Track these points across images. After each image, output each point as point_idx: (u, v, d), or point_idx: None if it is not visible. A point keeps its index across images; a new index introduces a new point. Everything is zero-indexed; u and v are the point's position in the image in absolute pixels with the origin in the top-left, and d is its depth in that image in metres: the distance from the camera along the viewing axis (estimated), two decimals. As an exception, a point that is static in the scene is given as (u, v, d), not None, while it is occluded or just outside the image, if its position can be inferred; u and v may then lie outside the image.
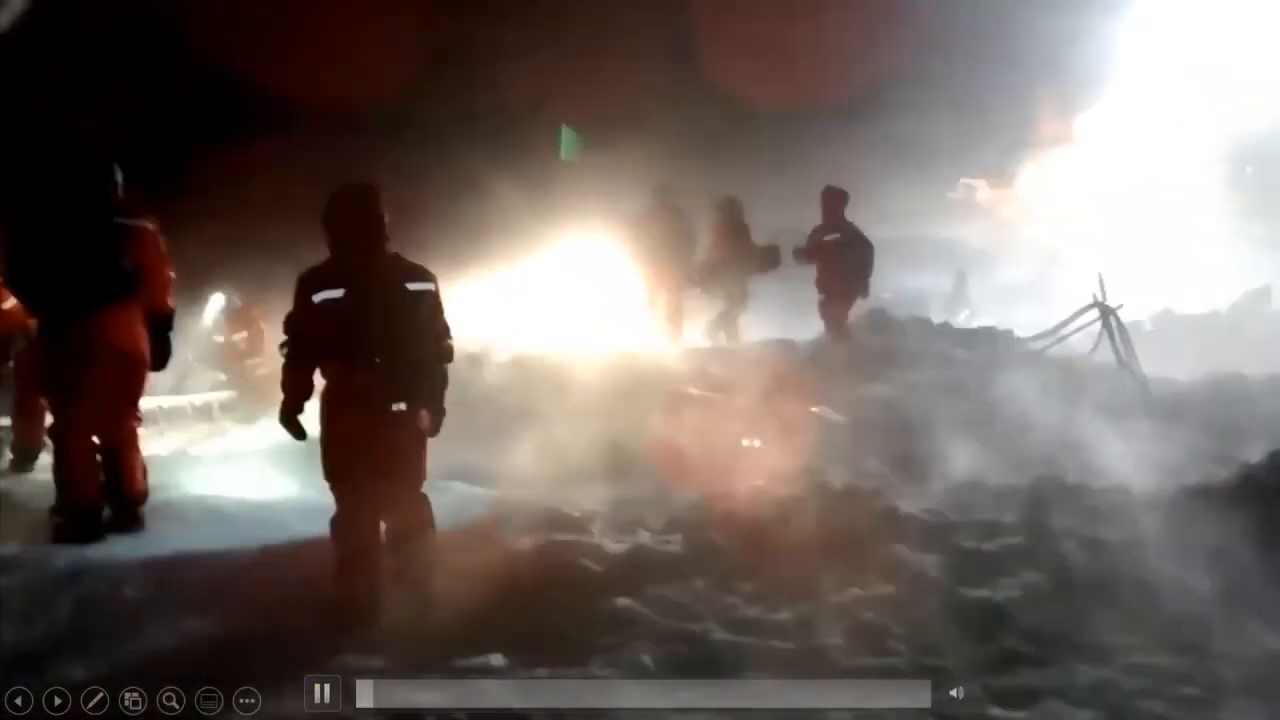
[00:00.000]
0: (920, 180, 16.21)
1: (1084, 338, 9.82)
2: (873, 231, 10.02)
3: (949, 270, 15.63)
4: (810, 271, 10.29)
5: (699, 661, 3.99)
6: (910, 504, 5.31)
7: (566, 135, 15.14)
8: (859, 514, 5.11)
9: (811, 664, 3.95)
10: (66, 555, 5.12)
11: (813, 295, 10.23)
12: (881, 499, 5.29)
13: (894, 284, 12.74)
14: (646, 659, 3.99)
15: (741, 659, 4.00)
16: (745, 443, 6.20)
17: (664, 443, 7.28)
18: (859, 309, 10.29)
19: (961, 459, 6.27)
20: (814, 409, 8.02)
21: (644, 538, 5.18)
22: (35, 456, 7.02)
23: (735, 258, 11.51)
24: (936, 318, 11.08)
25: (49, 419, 6.03)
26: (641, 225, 11.17)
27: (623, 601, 4.41)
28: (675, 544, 5.00)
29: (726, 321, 11.77)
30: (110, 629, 4.55)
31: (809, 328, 10.40)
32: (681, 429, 7.84)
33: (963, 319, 11.27)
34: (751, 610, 4.38)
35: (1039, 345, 9.98)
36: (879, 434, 6.95)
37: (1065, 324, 10.06)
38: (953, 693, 3.68)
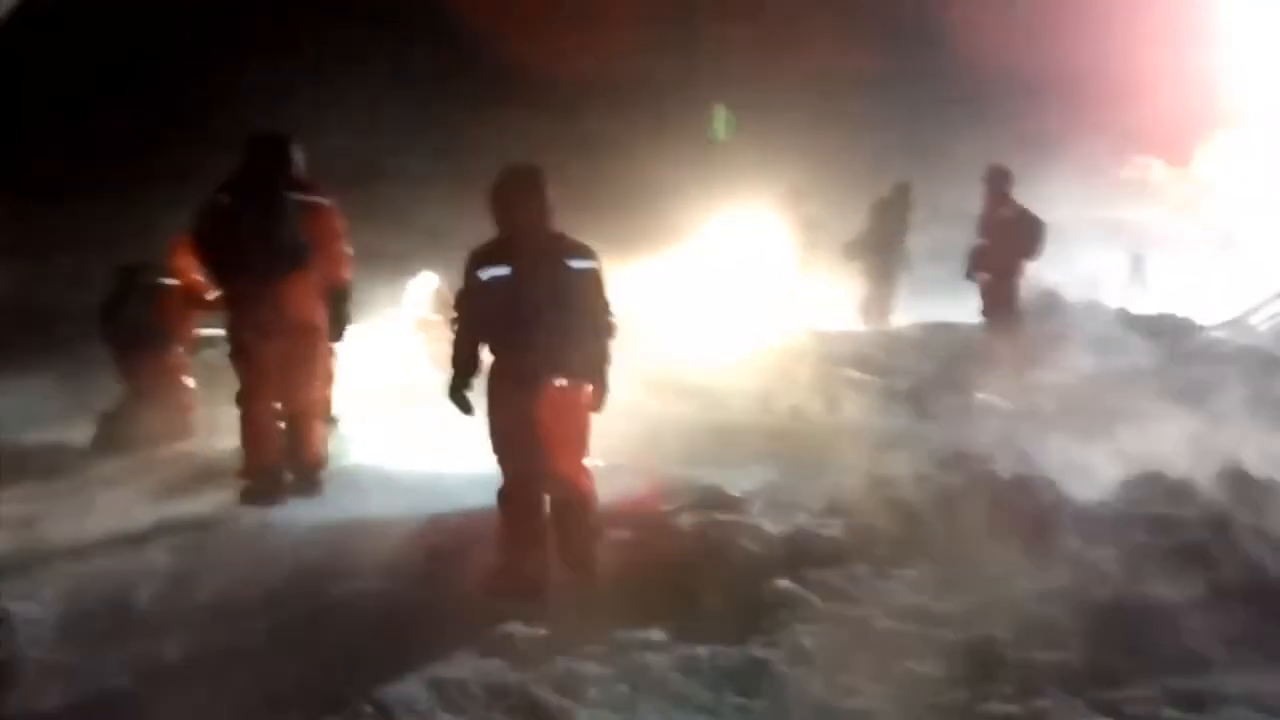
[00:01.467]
0: (1092, 158, 15.52)
1: (1274, 327, 9.27)
2: (1042, 211, 9.66)
3: (1124, 252, 14.95)
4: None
5: (860, 646, 3.94)
6: (1083, 495, 5.12)
7: (719, 114, 15.10)
8: (1028, 504, 4.95)
9: (977, 655, 3.86)
10: (251, 516, 5.43)
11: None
12: (1052, 489, 5.11)
13: (1065, 266, 12.26)
14: (806, 642, 3.96)
15: (904, 646, 3.94)
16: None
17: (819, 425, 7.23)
18: (1028, 291, 9.96)
19: (1138, 450, 6.00)
20: (979, 395, 7.82)
21: (803, 520, 5.13)
22: None
23: (888, 243, 11.40)
24: (1111, 302, 10.62)
25: None
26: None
27: (783, 583, 4.38)
28: (835, 528, 4.94)
29: (876, 303, 11.62)
30: (291, 588, 4.79)
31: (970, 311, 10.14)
32: (837, 411, 7.78)
33: (1139, 304, 10.75)
34: (915, 598, 4.30)
35: (1222, 334, 9.47)
36: (1049, 422, 6.71)
37: (1252, 312, 9.52)
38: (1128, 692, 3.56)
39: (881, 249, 11.59)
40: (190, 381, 7.62)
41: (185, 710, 3.84)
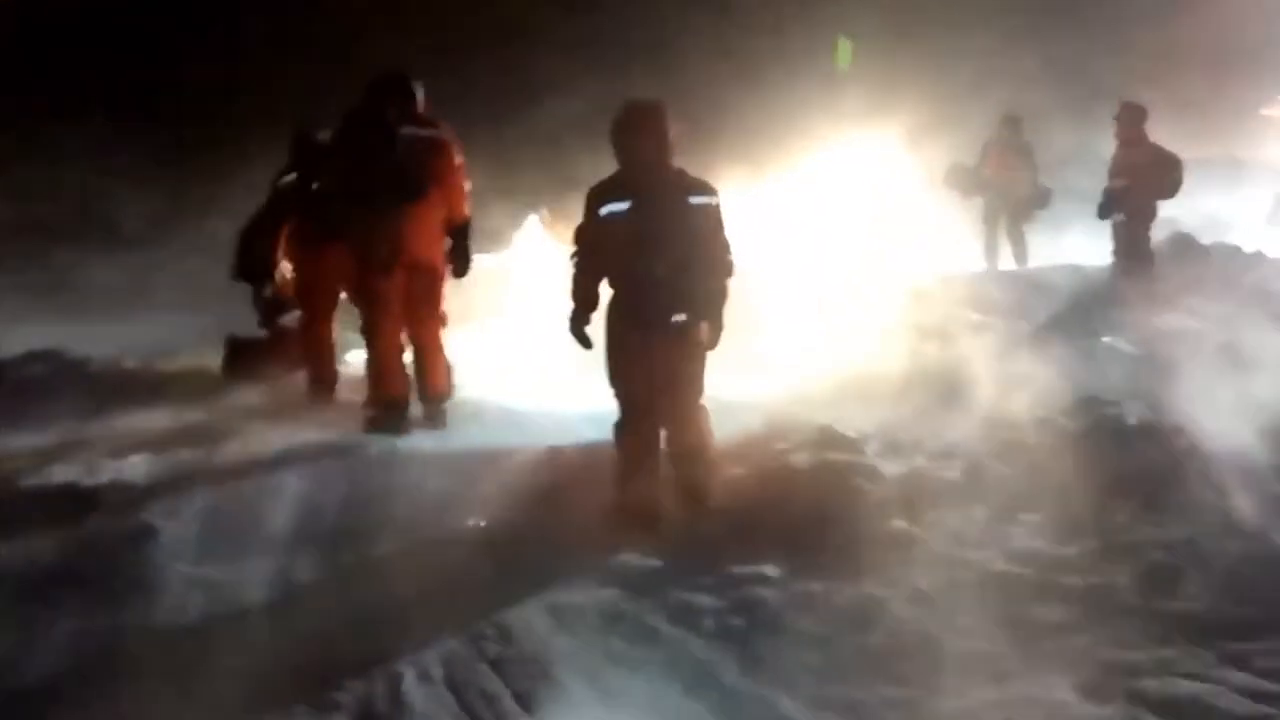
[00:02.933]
0: (1231, 95, 14.77)
1: None
2: (1178, 150, 9.25)
3: (1262, 193, 14.24)
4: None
5: (978, 589, 3.92)
6: (1214, 443, 4.94)
7: (842, 44, 14.80)
8: (1156, 450, 4.82)
9: (1099, 602, 3.80)
10: (378, 445, 5.60)
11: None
12: (1182, 436, 4.95)
13: (1200, 207, 11.74)
14: (923, 583, 3.95)
15: (1023, 590, 3.90)
16: None
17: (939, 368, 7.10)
18: (1159, 233, 9.59)
19: (1274, 398, 5.77)
20: (1105, 339, 7.59)
21: (920, 462, 5.07)
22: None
23: (1008, 180, 11.00)
24: (1247, 245, 10.15)
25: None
26: None
27: (898, 524, 4.36)
28: (954, 470, 4.88)
29: (993, 244, 11.28)
30: (415, 514, 4.95)
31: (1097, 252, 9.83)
32: (957, 353, 7.62)
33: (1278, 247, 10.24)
34: (1035, 542, 4.24)
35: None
36: (1179, 368, 6.48)
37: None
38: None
39: (992, 187, 11.19)
40: None
41: (314, 625, 4.02)
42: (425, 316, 6.02)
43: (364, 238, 5.83)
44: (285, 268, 7.07)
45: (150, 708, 3.53)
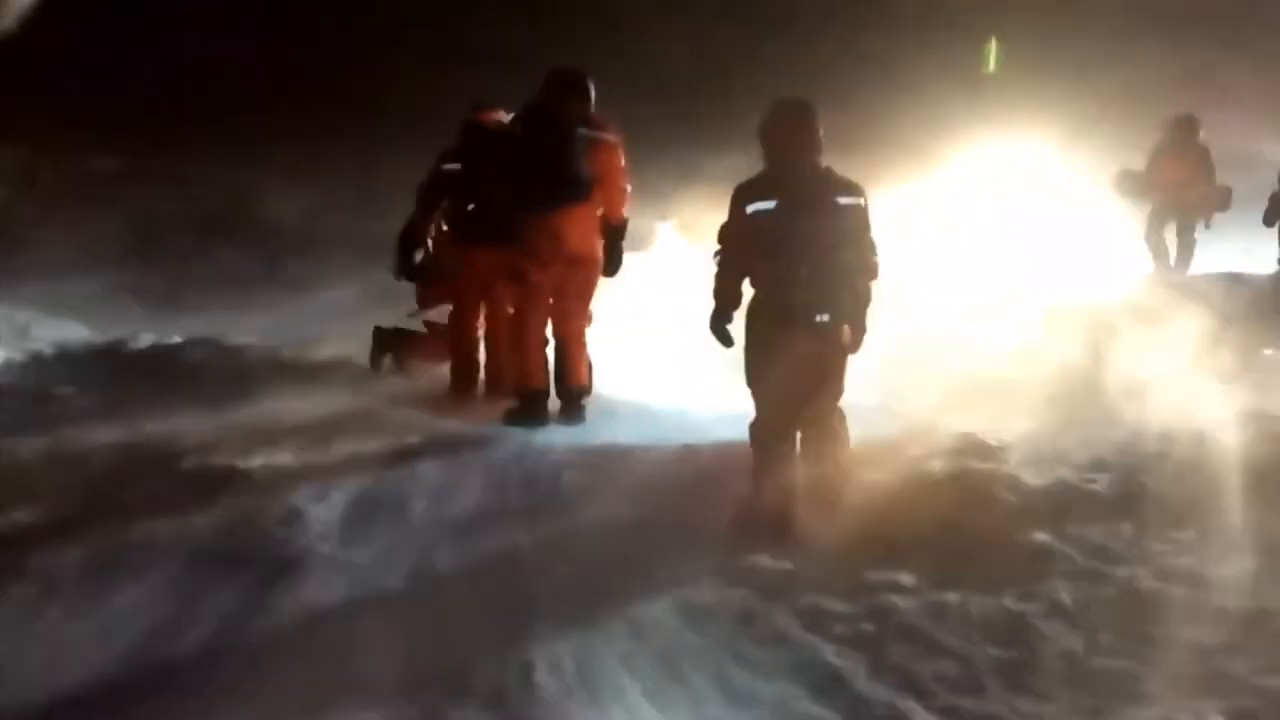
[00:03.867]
0: None
1: None
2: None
3: None
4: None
5: (1123, 607, 3.78)
6: (1388, 464, 4.66)
7: (991, 49, 14.49)
8: (1320, 469, 4.57)
9: (1255, 625, 3.62)
10: (516, 437, 5.71)
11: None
12: (1349, 455, 4.68)
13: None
14: (1065, 598, 3.83)
15: (1172, 609, 3.74)
16: None
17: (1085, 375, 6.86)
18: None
19: None
20: (1267, 351, 7.24)
21: (1065, 474, 4.90)
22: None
23: (1180, 184, 10.49)
24: None
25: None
26: None
27: (1041, 537, 4.23)
28: (1101, 483, 4.70)
29: (1159, 251, 10.80)
30: (550, 506, 5.03)
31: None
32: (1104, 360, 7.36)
33: None
34: (1186, 560, 4.06)
35: None
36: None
37: None
38: None
39: (1164, 192, 10.68)
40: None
41: (449, 611, 4.11)
42: (574, 312, 6.13)
43: (529, 234, 5.94)
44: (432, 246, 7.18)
45: (291, 685, 3.65)
